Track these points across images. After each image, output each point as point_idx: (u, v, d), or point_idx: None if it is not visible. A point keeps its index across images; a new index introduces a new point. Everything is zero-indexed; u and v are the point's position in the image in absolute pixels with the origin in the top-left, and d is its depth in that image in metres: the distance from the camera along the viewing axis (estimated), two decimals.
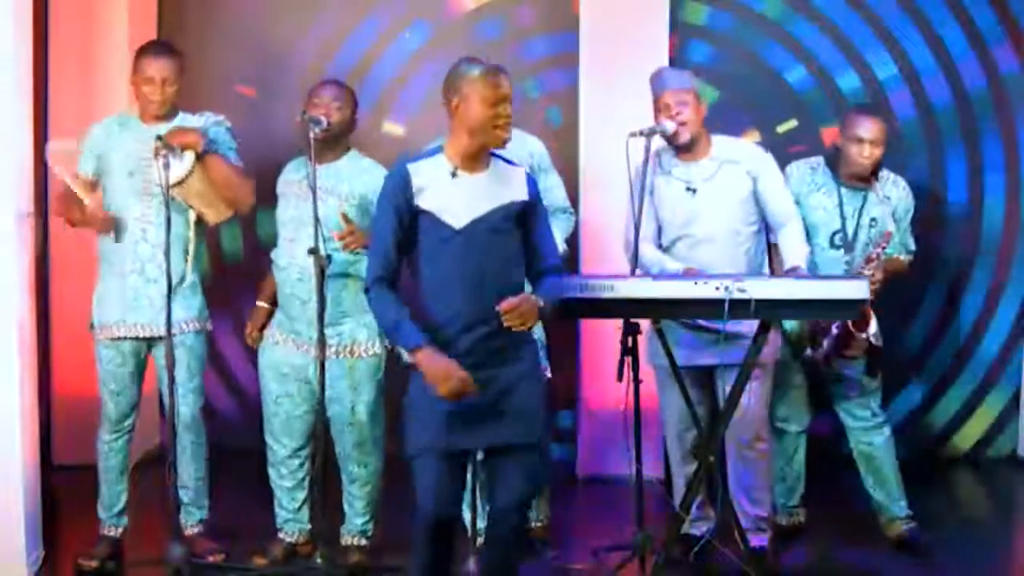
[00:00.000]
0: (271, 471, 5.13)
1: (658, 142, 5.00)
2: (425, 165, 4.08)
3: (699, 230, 5.02)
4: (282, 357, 5.02)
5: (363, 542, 5.13)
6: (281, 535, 5.17)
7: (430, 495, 4.01)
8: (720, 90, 6.53)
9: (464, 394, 3.94)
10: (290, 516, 5.14)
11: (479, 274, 4.02)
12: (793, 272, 4.89)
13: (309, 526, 5.17)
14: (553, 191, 5.18)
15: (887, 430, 5.39)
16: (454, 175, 4.05)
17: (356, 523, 5.12)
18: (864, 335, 5.05)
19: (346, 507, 5.12)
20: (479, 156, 4.08)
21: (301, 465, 5.10)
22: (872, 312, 5.04)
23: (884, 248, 5.06)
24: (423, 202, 4.03)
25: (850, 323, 5.01)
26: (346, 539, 5.13)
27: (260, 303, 5.19)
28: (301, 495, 5.13)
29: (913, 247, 5.38)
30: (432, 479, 4.01)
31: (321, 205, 4.74)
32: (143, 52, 5.02)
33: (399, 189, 4.03)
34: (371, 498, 5.10)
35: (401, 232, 4.04)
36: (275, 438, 5.08)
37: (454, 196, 4.04)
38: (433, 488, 4.01)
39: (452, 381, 3.92)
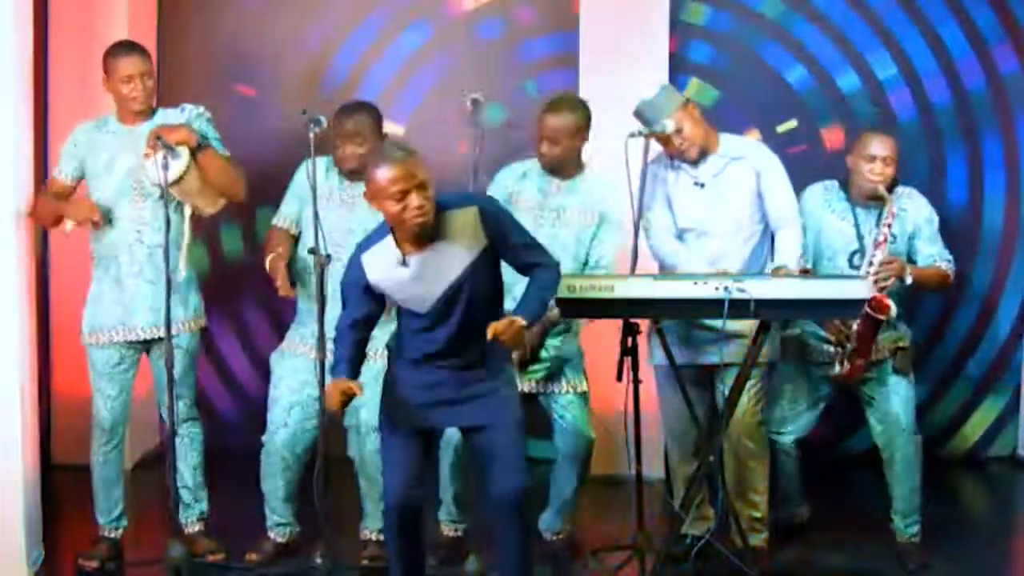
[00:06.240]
0: (267, 481, 5.14)
1: (658, 145, 5.01)
2: (376, 253, 4.13)
3: (706, 224, 5.04)
4: (305, 365, 4.99)
5: (383, 537, 5.13)
6: (271, 535, 5.20)
7: (394, 472, 4.24)
8: (720, 90, 6.54)
9: (342, 400, 4.12)
10: (282, 521, 5.18)
11: (455, 332, 4.17)
12: (779, 271, 4.89)
13: (299, 528, 5.21)
14: (602, 245, 5.06)
15: (915, 439, 5.22)
16: (403, 263, 4.09)
17: (379, 518, 5.10)
18: (883, 317, 4.90)
19: (368, 505, 5.16)
20: (420, 235, 4.10)
21: (300, 476, 5.10)
22: (889, 301, 4.92)
23: (890, 225, 5.03)
24: (385, 291, 4.17)
25: (868, 308, 4.81)
26: (365, 534, 5.20)
27: (279, 253, 4.96)
28: (294, 504, 5.17)
29: (949, 256, 5.24)
30: (395, 456, 4.25)
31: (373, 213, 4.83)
32: (112, 53, 5.00)
33: (360, 279, 4.16)
34: None
35: (371, 301, 4.20)
36: (277, 449, 5.07)
37: (410, 285, 4.13)
38: (396, 465, 4.25)
39: (333, 394, 4.12)
